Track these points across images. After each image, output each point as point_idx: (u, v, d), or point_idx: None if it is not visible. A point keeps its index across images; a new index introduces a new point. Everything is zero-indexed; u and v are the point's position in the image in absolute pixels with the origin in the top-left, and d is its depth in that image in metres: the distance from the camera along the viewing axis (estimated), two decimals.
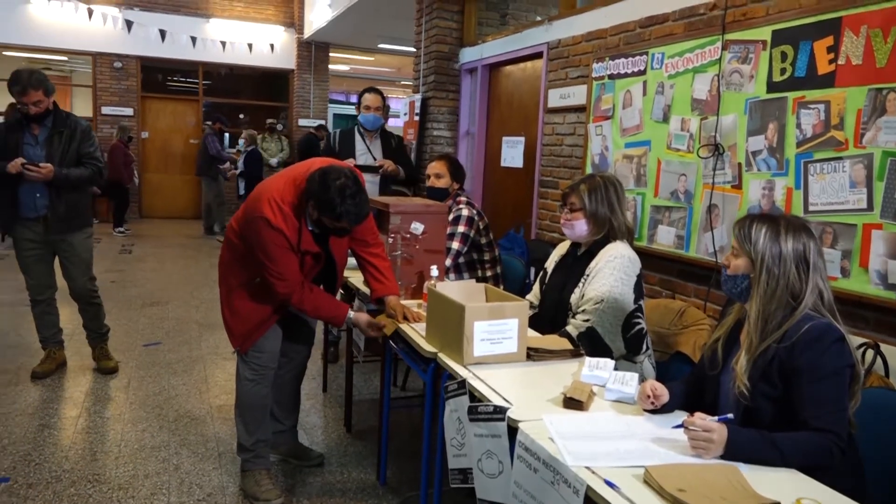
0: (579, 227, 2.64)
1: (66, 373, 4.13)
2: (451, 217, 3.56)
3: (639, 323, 2.56)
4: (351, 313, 2.72)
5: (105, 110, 11.49)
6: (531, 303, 2.85)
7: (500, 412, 1.84)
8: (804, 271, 1.74)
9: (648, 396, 1.85)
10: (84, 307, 4.20)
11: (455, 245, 3.52)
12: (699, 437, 1.58)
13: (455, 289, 2.47)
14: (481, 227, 3.59)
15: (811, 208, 2.69)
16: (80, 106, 12.52)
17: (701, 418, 1.62)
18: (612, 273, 2.50)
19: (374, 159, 4.28)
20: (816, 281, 1.75)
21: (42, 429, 3.34)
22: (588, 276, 2.58)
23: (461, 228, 3.54)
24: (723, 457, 1.58)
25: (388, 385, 2.87)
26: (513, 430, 1.78)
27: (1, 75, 11.98)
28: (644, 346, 2.60)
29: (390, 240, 2.89)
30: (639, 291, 2.56)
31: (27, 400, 3.67)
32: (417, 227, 2.92)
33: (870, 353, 2.42)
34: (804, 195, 2.72)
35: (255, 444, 2.82)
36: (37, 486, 2.81)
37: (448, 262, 3.49)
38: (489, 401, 1.92)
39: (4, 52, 11.66)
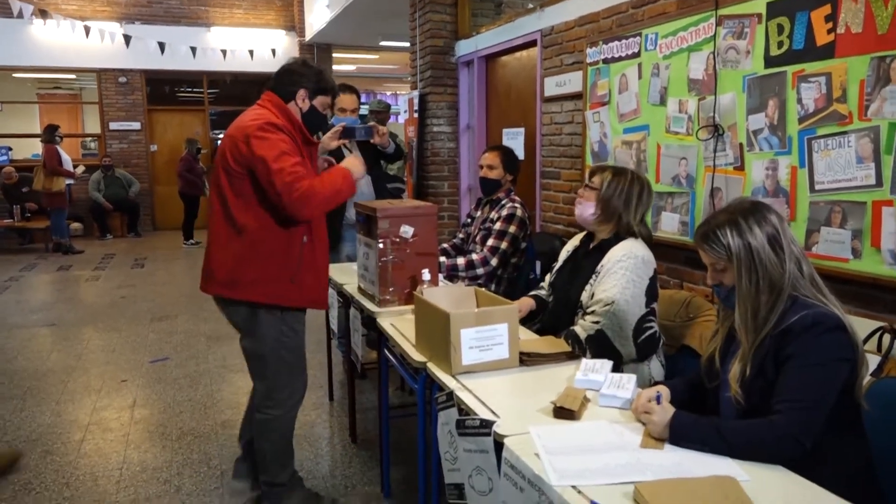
0: (586, 208, 2.57)
1: (73, 395, 4.10)
2: (504, 213, 3.46)
3: (651, 327, 2.43)
4: (345, 163, 2.64)
5: (113, 126, 11.53)
6: (543, 291, 2.80)
7: (486, 426, 1.74)
8: (780, 251, 1.64)
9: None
10: None
11: (504, 245, 3.41)
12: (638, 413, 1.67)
13: (442, 294, 2.37)
14: (527, 232, 3.50)
15: (817, 187, 2.55)
16: (90, 123, 12.62)
17: (648, 399, 1.66)
18: (623, 274, 2.38)
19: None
20: (791, 254, 1.65)
21: (45, 455, 3.30)
22: (598, 273, 2.46)
23: (512, 229, 3.43)
24: (670, 441, 1.57)
25: (385, 395, 2.79)
26: (501, 445, 1.68)
27: (12, 98, 12.39)
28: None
29: (380, 245, 2.80)
30: (651, 294, 2.43)
31: (31, 426, 3.63)
32: (407, 231, 2.82)
33: (886, 338, 2.28)
34: (809, 173, 2.58)
35: (292, 476, 2.71)
36: None
37: (494, 262, 3.38)
38: (476, 414, 1.82)
39: (14, 75, 11.78)
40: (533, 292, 2.86)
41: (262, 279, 2.45)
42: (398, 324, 2.62)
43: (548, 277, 2.85)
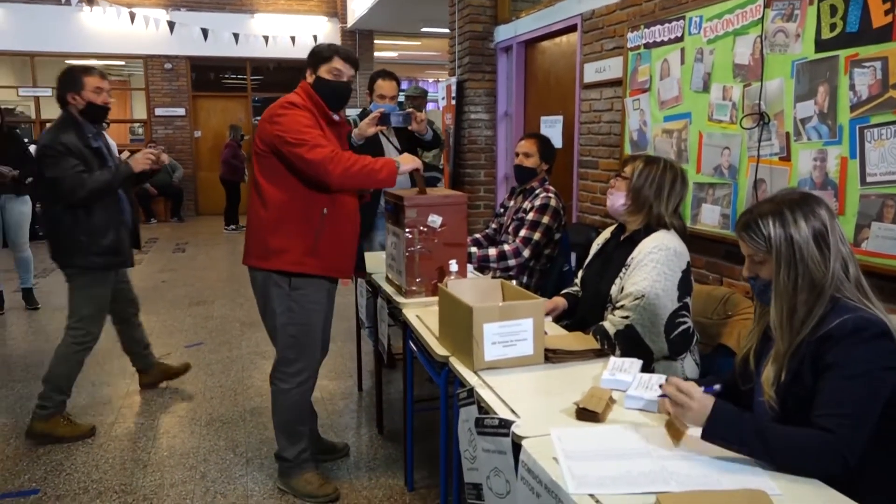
0: (617, 199, 2.48)
1: (109, 378, 4.15)
2: (537, 203, 3.39)
3: (684, 322, 2.32)
4: (397, 156, 2.71)
5: (158, 112, 11.71)
6: (576, 288, 2.72)
7: (504, 426, 1.67)
8: (825, 249, 1.51)
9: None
10: None
11: (536, 236, 3.34)
12: (677, 396, 1.49)
13: (468, 286, 2.30)
14: (562, 223, 3.42)
15: (869, 179, 2.39)
16: (138, 108, 12.85)
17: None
18: (654, 267, 2.27)
19: (397, 150, 4.08)
20: (838, 254, 1.53)
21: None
22: (628, 266, 2.36)
23: (546, 219, 3.36)
24: (702, 435, 1.45)
25: (410, 388, 2.73)
26: (520, 447, 1.60)
27: None
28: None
29: (408, 234, 2.73)
30: (684, 288, 2.32)
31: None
32: (435, 220, 2.75)
33: None
34: (861, 165, 2.42)
35: (299, 454, 2.78)
36: (64, 497, 2.80)
37: (526, 253, 3.32)
38: (496, 412, 1.75)
39: (66, 61, 12.05)
40: (565, 290, 2.77)
41: (284, 248, 2.59)
42: (424, 315, 2.56)
43: (580, 273, 2.76)
